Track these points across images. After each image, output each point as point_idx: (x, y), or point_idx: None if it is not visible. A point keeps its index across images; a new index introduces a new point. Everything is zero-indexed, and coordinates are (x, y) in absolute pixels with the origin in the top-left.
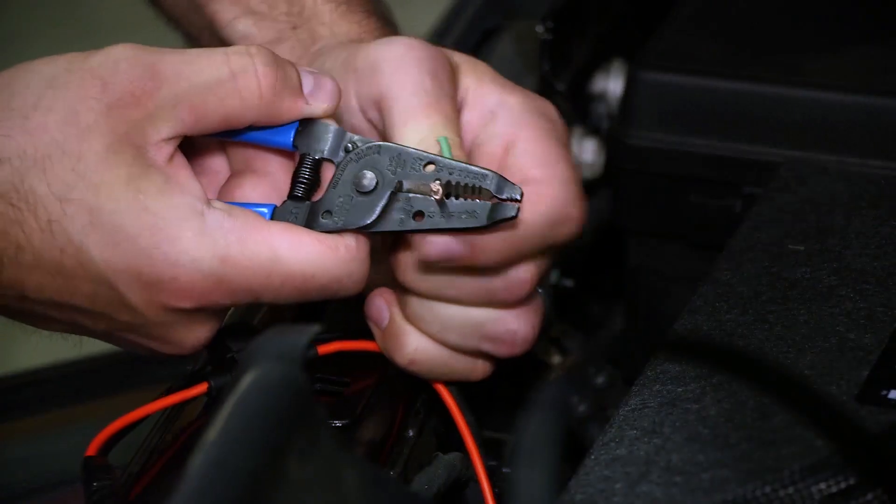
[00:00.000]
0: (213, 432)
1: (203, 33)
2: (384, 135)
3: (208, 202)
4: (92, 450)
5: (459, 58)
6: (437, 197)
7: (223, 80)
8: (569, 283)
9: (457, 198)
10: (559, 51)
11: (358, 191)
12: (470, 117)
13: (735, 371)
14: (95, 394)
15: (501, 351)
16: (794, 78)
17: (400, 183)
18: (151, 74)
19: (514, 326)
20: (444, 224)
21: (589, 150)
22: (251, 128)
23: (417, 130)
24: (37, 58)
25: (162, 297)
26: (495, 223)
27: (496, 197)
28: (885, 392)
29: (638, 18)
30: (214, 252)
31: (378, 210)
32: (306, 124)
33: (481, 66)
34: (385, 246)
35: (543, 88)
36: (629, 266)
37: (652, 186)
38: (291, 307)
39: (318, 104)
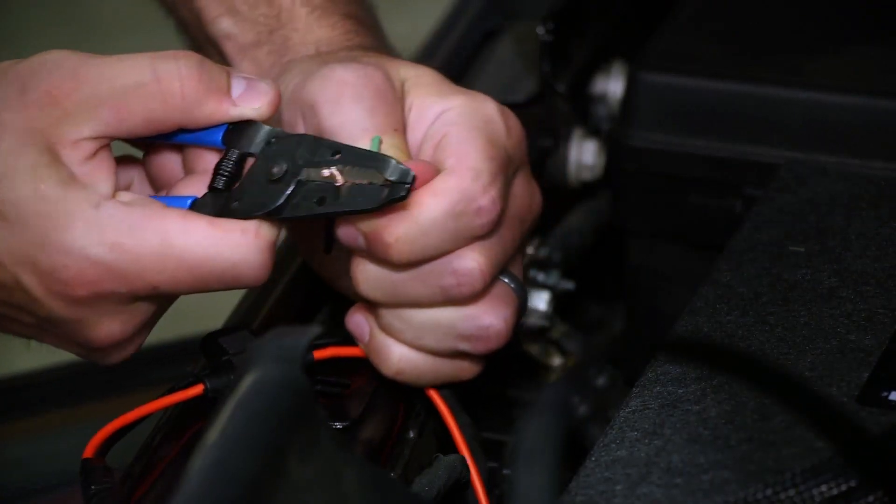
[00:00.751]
0: (214, 433)
1: (191, 25)
2: None
3: (113, 196)
4: (89, 451)
5: (406, 71)
6: (337, 183)
7: (146, 83)
8: (569, 284)
9: (357, 183)
10: (559, 52)
11: (269, 180)
12: (413, 137)
13: (735, 372)
14: (94, 395)
15: (478, 348)
16: (795, 79)
17: (308, 171)
18: (72, 76)
19: (485, 322)
20: (340, 207)
21: (589, 152)
22: (184, 130)
23: None
24: None
25: (57, 287)
26: (385, 204)
27: (389, 180)
28: (885, 393)
29: (638, 19)
30: (103, 239)
31: (283, 197)
32: (237, 124)
33: (426, 79)
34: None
35: (544, 90)
36: (629, 267)
37: (652, 187)
38: (290, 310)
39: (247, 106)
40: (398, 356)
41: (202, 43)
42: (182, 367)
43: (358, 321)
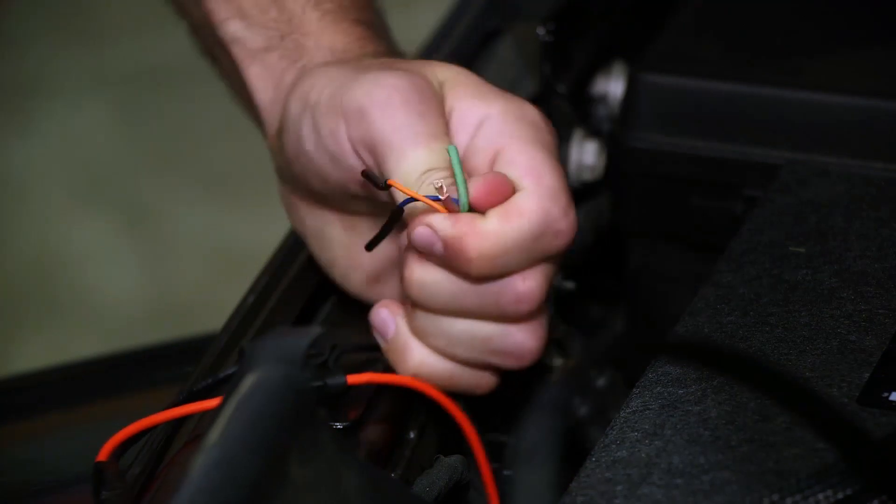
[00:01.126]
0: (215, 433)
1: (202, 27)
2: (379, 172)
3: None
4: (103, 455)
5: (443, 73)
6: None
7: None
8: (570, 285)
9: None
10: (560, 53)
11: None
12: (457, 140)
13: (736, 373)
14: (94, 397)
15: (507, 363)
16: (796, 80)
17: None
18: None
19: (520, 338)
20: None
21: (590, 153)
22: None
23: (414, 165)
24: (38, 60)
25: None
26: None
27: None
28: (886, 394)
29: (639, 20)
30: None
31: None
32: None
33: (462, 79)
34: (396, 260)
35: (544, 90)
36: (630, 268)
37: (653, 188)
38: (290, 310)
39: None
40: (419, 359)
41: (212, 46)
42: (182, 368)
43: (384, 317)
